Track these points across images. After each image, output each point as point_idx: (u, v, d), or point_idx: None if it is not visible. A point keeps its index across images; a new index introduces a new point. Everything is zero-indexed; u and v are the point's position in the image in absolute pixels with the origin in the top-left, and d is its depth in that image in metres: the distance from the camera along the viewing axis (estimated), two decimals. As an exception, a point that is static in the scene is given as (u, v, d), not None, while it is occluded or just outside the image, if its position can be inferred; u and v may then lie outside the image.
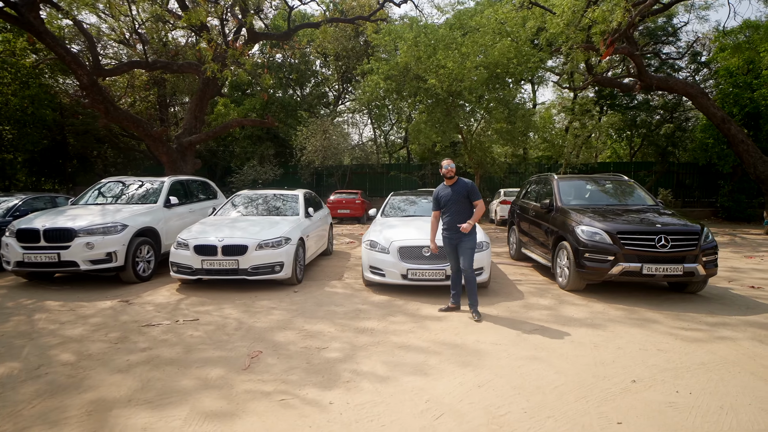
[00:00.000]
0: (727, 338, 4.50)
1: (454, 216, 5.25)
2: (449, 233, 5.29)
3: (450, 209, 5.27)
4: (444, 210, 5.34)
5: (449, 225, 5.28)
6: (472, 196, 5.35)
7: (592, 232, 6.05)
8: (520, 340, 4.39)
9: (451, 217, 5.26)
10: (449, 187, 5.35)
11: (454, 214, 5.26)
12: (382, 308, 5.54)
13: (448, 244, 5.34)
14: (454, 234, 5.26)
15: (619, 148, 30.86)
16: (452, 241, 5.30)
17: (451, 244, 5.32)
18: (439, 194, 5.40)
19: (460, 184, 5.35)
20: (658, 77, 14.99)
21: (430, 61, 13.15)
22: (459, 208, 5.27)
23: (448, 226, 5.29)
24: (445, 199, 5.31)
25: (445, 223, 5.32)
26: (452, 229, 5.26)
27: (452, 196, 5.28)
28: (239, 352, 4.04)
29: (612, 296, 6.18)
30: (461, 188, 5.32)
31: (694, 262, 5.77)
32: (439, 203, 5.40)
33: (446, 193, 5.33)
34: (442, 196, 5.37)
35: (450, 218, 5.27)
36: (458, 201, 5.26)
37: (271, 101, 25.91)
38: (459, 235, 5.22)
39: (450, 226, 5.27)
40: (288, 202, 8.06)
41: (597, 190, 7.69)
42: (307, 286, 6.72)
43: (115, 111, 14.77)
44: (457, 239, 5.26)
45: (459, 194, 5.28)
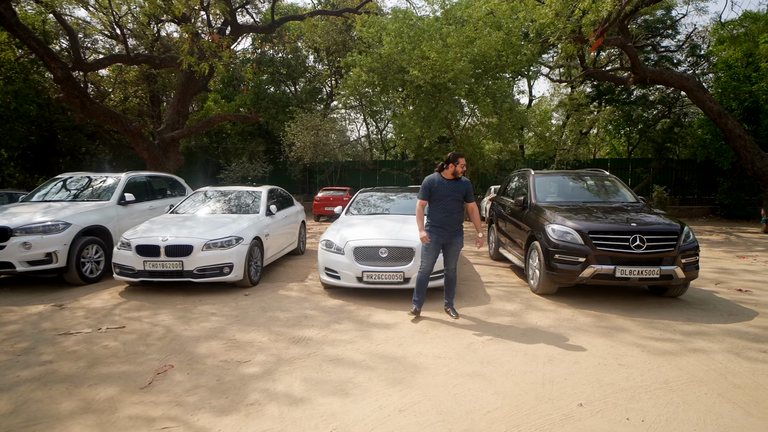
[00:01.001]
0: (700, 350, 4.04)
1: (449, 214, 4.91)
2: (441, 231, 4.90)
3: (445, 206, 4.90)
4: (435, 204, 4.92)
5: (442, 222, 4.89)
6: (469, 197, 5.06)
7: (563, 232, 5.59)
8: (467, 353, 3.94)
9: (446, 214, 4.90)
10: (450, 182, 4.95)
11: (450, 212, 4.91)
12: (331, 314, 5.11)
13: (434, 242, 4.91)
14: (445, 232, 4.90)
15: (618, 144, 30.31)
16: (440, 240, 4.91)
17: (438, 243, 4.92)
18: (435, 185, 4.91)
19: (462, 182, 5.01)
20: (652, 70, 14.46)
21: (414, 53, 12.67)
22: (455, 206, 4.94)
23: (440, 223, 4.89)
24: (442, 194, 4.89)
25: (437, 220, 4.90)
26: (445, 227, 4.90)
27: (451, 193, 4.92)
28: (148, 367, 3.61)
29: (585, 300, 5.72)
30: (462, 187, 5.00)
31: (672, 264, 5.30)
32: (431, 195, 4.93)
33: (445, 187, 4.92)
34: (438, 188, 4.91)
35: (444, 216, 4.90)
36: (456, 199, 4.94)
37: (262, 97, 25.49)
38: (451, 235, 4.92)
39: (443, 224, 4.89)
40: (249, 199, 7.62)
41: (576, 187, 7.22)
42: (262, 289, 6.29)
43: (91, 106, 14.38)
44: (447, 239, 4.93)
45: (459, 192, 4.97)
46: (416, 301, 5.08)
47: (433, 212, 4.94)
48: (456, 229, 4.99)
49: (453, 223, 4.94)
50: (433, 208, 4.96)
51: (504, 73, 15.13)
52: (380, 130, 30.51)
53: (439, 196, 4.92)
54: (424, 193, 5.01)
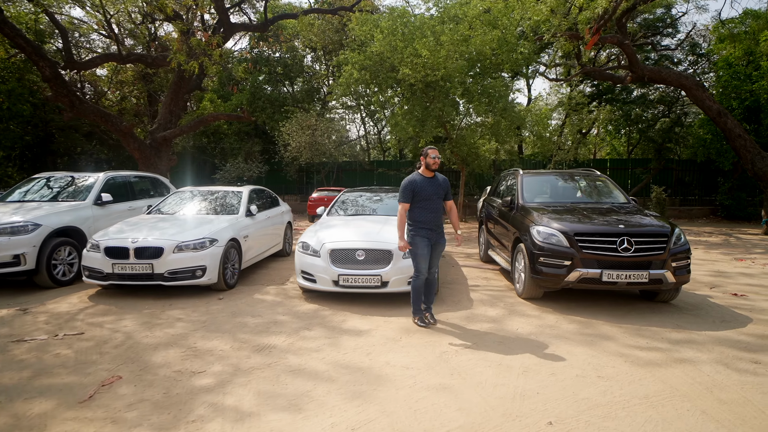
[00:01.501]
0: (687, 361, 3.79)
1: (435, 214, 4.69)
2: (429, 233, 4.66)
3: (430, 206, 4.66)
4: (421, 205, 4.64)
5: (430, 224, 4.65)
6: (449, 194, 4.89)
7: (548, 234, 5.35)
8: (438, 363, 3.71)
9: (433, 215, 4.68)
10: (430, 180, 4.71)
11: (435, 213, 4.69)
12: (303, 320, 4.88)
13: (427, 245, 4.66)
14: (433, 234, 4.68)
15: (618, 144, 30.00)
16: (430, 242, 4.68)
17: (428, 245, 4.68)
18: (419, 186, 4.62)
19: (440, 179, 4.79)
20: (651, 68, 14.17)
21: (406, 51, 12.43)
22: (439, 206, 4.75)
23: (428, 225, 4.65)
24: (426, 194, 4.64)
25: (425, 222, 4.64)
26: (432, 228, 4.67)
27: (435, 192, 4.70)
28: (96, 378, 3.39)
29: (572, 306, 5.48)
30: (443, 184, 4.79)
31: (661, 268, 5.05)
32: (414, 196, 4.63)
33: (428, 186, 4.67)
34: (422, 188, 4.62)
35: (432, 216, 4.67)
36: (438, 198, 4.74)
37: (258, 96, 25.29)
38: (437, 236, 4.73)
39: (431, 226, 4.66)
40: (229, 199, 7.40)
41: (565, 187, 6.98)
42: (237, 293, 6.07)
43: (81, 105, 14.20)
44: (435, 239, 4.71)
45: (440, 190, 4.76)
46: (416, 310, 4.77)
47: (419, 214, 4.66)
48: (441, 230, 4.81)
49: (439, 223, 4.75)
50: (418, 210, 4.67)
51: (500, 73, 14.87)
52: (379, 130, 30.31)
53: (423, 196, 4.65)
54: (405, 195, 4.65)
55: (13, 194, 7.54)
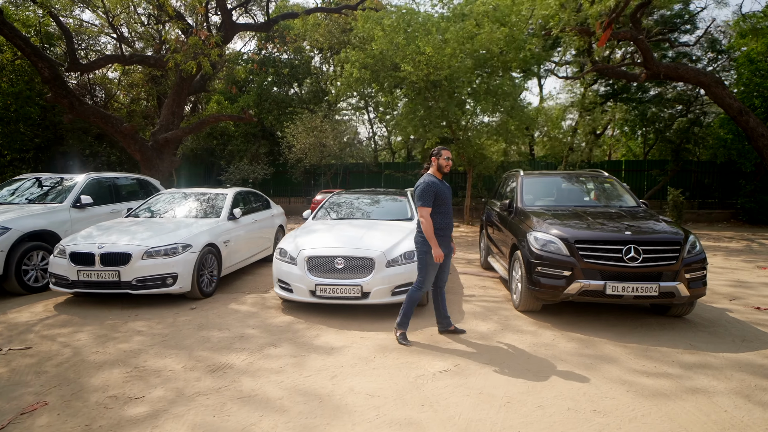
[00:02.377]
0: (700, 391, 3.27)
1: (450, 217, 4.38)
2: (447, 240, 4.34)
3: (447, 210, 4.31)
4: (441, 210, 4.25)
5: (447, 229, 4.32)
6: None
7: (546, 240, 4.85)
8: (410, 390, 3.25)
9: (448, 218, 4.33)
10: (443, 183, 4.34)
11: (450, 216, 4.36)
12: (273, 334, 4.46)
13: (447, 254, 4.36)
14: (447, 240, 4.35)
15: (634, 145, 29.07)
16: (444, 250, 4.28)
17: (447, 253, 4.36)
18: (438, 188, 4.22)
19: (445, 182, 4.44)
20: (666, 65, 13.50)
21: (409, 48, 11.98)
22: (451, 208, 4.42)
23: (447, 231, 4.31)
24: (445, 197, 4.28)
25: (445, 228, 4.28)
26: (447, 233, 4.34)
27: (448, 194, 4.34)
28: (20, 403, 3.01)
29: (573, 320, 4.96)
30: (449, 187, 4.45)
31: (673, 279, 4.51)
32: (436, 200, 4.21)
33: (445, 189, 4.31)
34: (442, 191, 4.25)
35: (447, 220, 4.32)
36: (451, 200, 4.40)
37: (265, 98, 25.09)
38: (449, 243, 4.42)
39: (446, 229, 4.31)
40: (212, 202, 7.03)
41: (568, 189, 6.45)
42: (213, 302, 5.68)
43: (80, 106, 14.07)
44: (447, 247, 4.37)
45: (450, 192, 4.43)
46: (403, 323, 4.29)
47: (440, 219, 4.25)
48: (451, 236, 4.47)
49: (451, 228, 4.43)
50: (438, 215, 4.25)
51: (509, 71, 14.31)
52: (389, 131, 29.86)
53: (442, 200, 4.25)
54: (428, 198, 4.16)
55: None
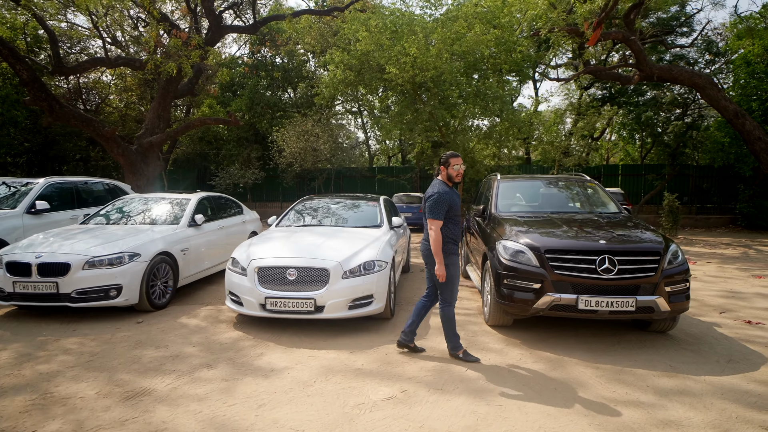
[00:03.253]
0: (673, 424, 2.87)
1: (459, 228, 4.09)
2: (457, 249, 4.05)
3: (458, 220, 4.03)
4: (454, 220, 3.96)
5: (458, 238, 4.08)
6: None
7: (515, 250, 4.46)
8: (340, 424, 2.85)
9: (458, 228, 4.07)
10: (454, 191, 4.05)
11: (459, 226, 4.09)
12: (213, 353, 4.07)
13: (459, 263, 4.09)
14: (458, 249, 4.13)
15: (632, 149, 28.69)
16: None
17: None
18: (450, 197, 3.92)
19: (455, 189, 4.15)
20: (660, 66, 13.13)
21: (394, 49, 11.65)
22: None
23: (458, 238, 4.06)
24: (457, 206, 4.00)
25: (457, 236, 4.02)
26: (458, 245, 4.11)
27: (459, 203, 4.06)
28: None
29: (546, 335, 4.56)
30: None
31: (652, 293, 4.12)
32: (449, 211, 3.90)
33: (456, 197, 4.02)
34: (453, 200, 3.94)
35: (459, 230, 4.11)
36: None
37: (257, 101, 24.80)
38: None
39: (459, 239, 4.12)
40: (173, 208, 6.67)
41: (547, 194, 6.06)
42: (162, 315, 5.29)
43: (60, 109, 13.75)
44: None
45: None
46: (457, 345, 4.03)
47: (454, 229, 3.97)
48: None
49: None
50: (452, 225, 3.96)
51: (499, 73, 13.97)
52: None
53: (455, 210, 3.97)
54: (441, 209, 3.84)
55: (-56, 202, 6.95)
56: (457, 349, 4.00)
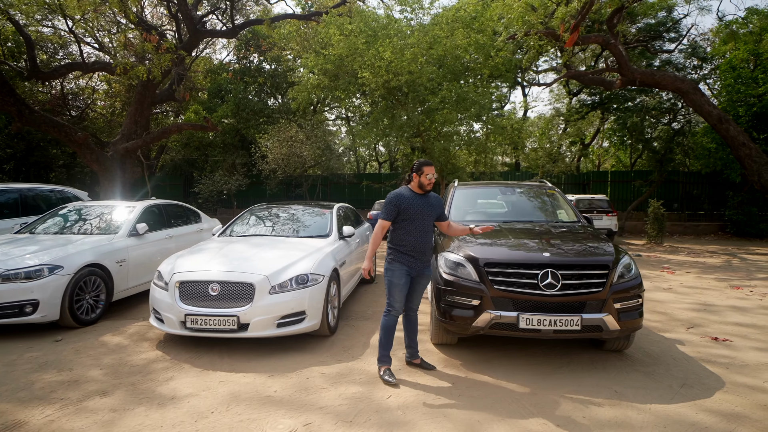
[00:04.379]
0: (598, 466, 2.51)
1: (423, 238, 3.79)
2: (411, 261, 3.75)
3: (416, 227, 3.77)
4: (406, 225, 3.76)
5: (415, 249, 3.75)
6: (443, 215, 4.01)
7: (455, 263, 4.12)
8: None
9: (419, 238, 3.77)
10: (420, 197, 3.83)
11: (425, 235, 3.81)
12: (117, 378, 3.71)
13: (405, 274, 3.75)
14: (417, 262, 3.76)
15: (624, 156, 28.44)
16: (412, 271, 3.77)
17: (408, 275, 3.77)
18: (405, 201, 3.75)
19: (433, 197, 3.94)
20: (642, 71, 12.87)
21: (368, 53, 11.37)
22: (428, 228, 3.86)
23: (412, 250, 3.75)
24: (414, 211, 3.75)
25: (409, 246, 3.75)
26: (417, 255, 3.76)
27: (425, 211, 3.81)
28: None
29: (492, 354, 4.21)
30: (435, 203, 3.91)
31: (599, 310, 3.77)
32: (400, 214, 3.75)
33: (418, 203, 3.78)
34: (409, 205, 3.75)
35: (418, 240, 3.76)
36: (431, 218, 3.87)
37: (242, 107, 24.51)
38: (423, 265, 3.81)
39: (415, 251, 3.75)
40: (115, 217, 6.32)
41: (505, 203, 5.73)
42: (88, 332, 4.92)
43: (30, 114, 13.43)
44: (419, 269, 3.80)
45: (433, 210, 3.89)
46: (383, 357, 3.81)
47: (404, 236, 3.76)
48: (427, 258, 3.87)
49: (426, 249, 3.83)
50: (402, 231, 3.77)
51: (479, 78, 13.70)
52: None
53: (410, 215, 3.75)
54: (389, 211, 3.77)
55: None
56: (379, 361, 3.81)
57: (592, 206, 14.38)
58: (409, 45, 11.35)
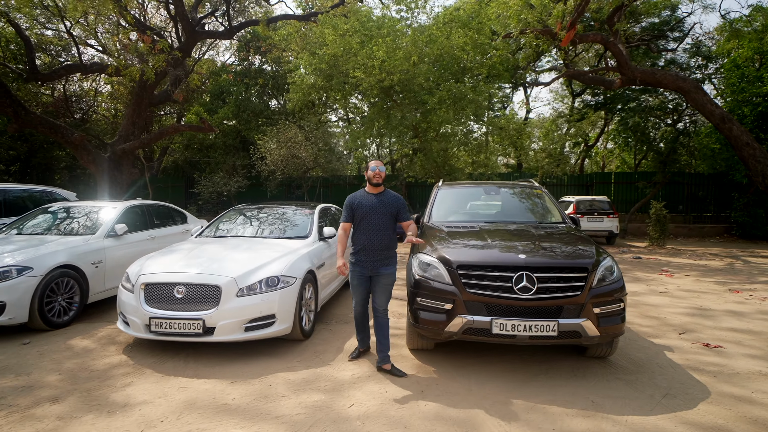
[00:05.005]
0: (559, 485, 2.33)
1: (374, 235, 3.84)
2: (362, 259, 3.87)
3: (368, 226, 3.85)
4: (359, 226, 3.90)
5: (365, 247, 3.85)
6: (402, 215, 3.98)
7: (427, 264, 3.95)
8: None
9: (370, 235, 3.84)
10: (374, 196, 3.92)
11: (375, 233, 3.85)
12: (74, 383, 3.58)
13: (358, 274, 3.91)
14: (367, 260, 3.85)
15: (629, 157, 28.06)
16: (364, 272, 3.89)
17: (362, 275, 3.91)
18: (357, 202, 3.92)
19: (390, 196, 3.99)
20: (643, 70, 12.61)
21: (362, 52, 11.23)
22: (383, 225, 3.88)
23: (362, 249, 3.86)
24: (364, 211, 3.87)
25: (361, 246, 3.87)
26: (367, 253, 3.85)
27: (377, 209, 3.87)
28: None
29: (468, 362, 4.03)
30: (391, 202, 3.94)
31: (577, 315, 3.58)
32: (354, 214, 3.91)
33: (369, 203, 3.88)
34: (361, 205, 3.89)
35: (368, 237, 3.84)
36: (383, 216, 3.88)
37: (243, 108, 24.48)
38: (377, 264, 3.85)
39: (365, 249, 3.86)
40: (93, 217, 6.21)
41: (488, 204, 5.55)
42: (57, 335, 4.80)
43: (26, 115, 13.44)
44: (374, 269, 3.86)
45: (386, 208, 3.90)
46: (361, 339, 4.25)
47: (356, 236, 3.93)
48: (382, 257, 3.86)
49: (377, 248, 3.84)
50: (356, 231, 3.95)
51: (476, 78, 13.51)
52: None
53: (360, 214, 3.88)
54: (345, 213, 3.99)
55: None
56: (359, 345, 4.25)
57: (592, 208, 14.12)
58: (403, 44, 11.20)
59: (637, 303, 6.43)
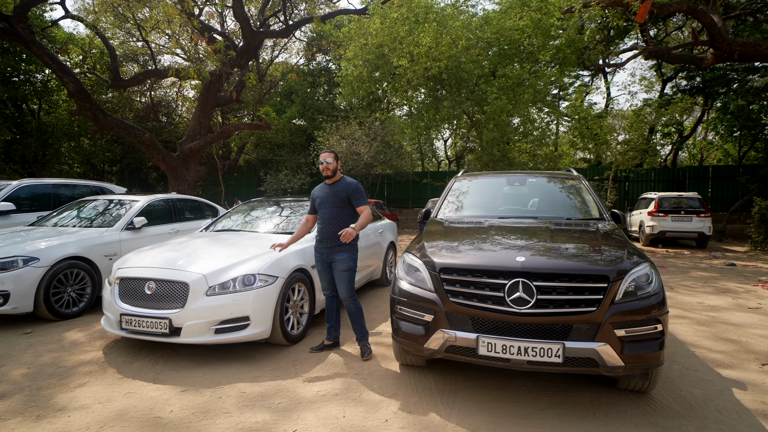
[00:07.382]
0: None
1: (328, 224, 3.95)
2: (320, 246, 4.05)
3: (323, 215, 4.01)
4: (319, 216, 4.09)
5: (322, 235, 4.02)
6: (356, 200, 3.96)
7: (410, 266, 3.33)
8: None
9: (324, 224, 3.99)
10: (328, 186, 4.07)
11: (329, 222, 3.95)
12: (34, 380, 3.44)
13: (319, 260, 4.08)
14: (326, 247, 4.00)
15: (733, 149, 24.46)
16: (323, 257, 4.04)
17: (323, 261, 4.06)
18: (316, 194, 4.16)
19: (342, 184, 4.03)
20: (743, 42, 10.61)
21: (409, 39, 10.64)
22: (335, 213, 3.95)
23: (320, 236, 4.04)
24: (320, 201, 4.05)
25: (318, 233, 4.08)
26: (325, 240, 3.99)
27: (329, 198, 3.98)
28: None
29: (464, 384, 3.33)
30: (342, 189, 3.98)
31: (591, 338, 2.75)
32: (313, 205, 4.17)
33: (323, 193, 4.04)
34: (317, 196, 4.12)
35: (323, 226, 4.00)
36: (336, 205, 3.95)
37: (308, 107, 24.89)
38: (331, 251, 3.96)
39: (322, 237, 4.02)
40: (115, 210, 6.29)
41: (509, 195, 4.73)
42: (59, 326, 4.82)
43: (104, 118, 14.55)
44: (329, 255, 3.99)
45: (337, 196, 3.95)
46: (328, 329, 4.23)
47: (318, 225, 4.10)
48: (334, 244, 3.92)
49: (331, 235, 3.93)
50: (317, 221, 4.11)
51: (537, 62, 12.31)
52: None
53: (317, 204, 4.08)
54: (310, 205, 4.25)
55: None
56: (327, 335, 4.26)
57: (679, 205, 12.30)
58: (452, 28, 10.40)
59: (713, 320, 5.21)
